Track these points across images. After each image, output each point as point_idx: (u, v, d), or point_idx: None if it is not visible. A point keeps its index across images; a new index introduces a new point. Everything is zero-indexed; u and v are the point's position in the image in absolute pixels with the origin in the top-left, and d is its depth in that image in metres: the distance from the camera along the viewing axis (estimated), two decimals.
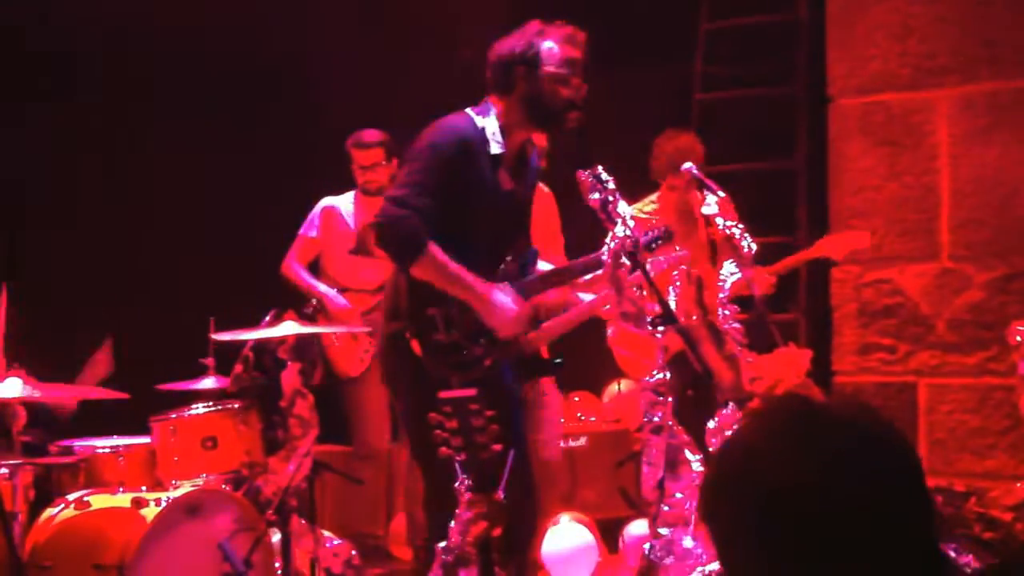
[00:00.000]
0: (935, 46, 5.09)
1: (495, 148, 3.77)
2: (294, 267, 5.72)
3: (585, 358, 5.40)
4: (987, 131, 5.01)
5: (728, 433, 3.35)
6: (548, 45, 3.75)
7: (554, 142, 4.65)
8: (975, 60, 5.04)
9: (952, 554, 3.78)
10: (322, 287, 5.65)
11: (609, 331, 5.16)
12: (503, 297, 3.75)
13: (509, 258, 3.89)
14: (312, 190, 5.87)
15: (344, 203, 5.78)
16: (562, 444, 5.73)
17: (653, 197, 5.44)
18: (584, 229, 4.59)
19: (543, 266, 4.10)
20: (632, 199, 4.98)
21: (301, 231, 5.77)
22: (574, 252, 4.37)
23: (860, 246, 5.13)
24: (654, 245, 4.06)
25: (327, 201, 5.78)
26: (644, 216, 5.27)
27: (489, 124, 3.77)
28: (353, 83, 6.48)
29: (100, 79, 6.03)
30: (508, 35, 3.81)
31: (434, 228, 3.66)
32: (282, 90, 6.47)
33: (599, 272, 3.76)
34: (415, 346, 3.68)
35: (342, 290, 5.71)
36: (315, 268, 5.82)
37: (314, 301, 5.53)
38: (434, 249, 3.65)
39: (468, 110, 3.83)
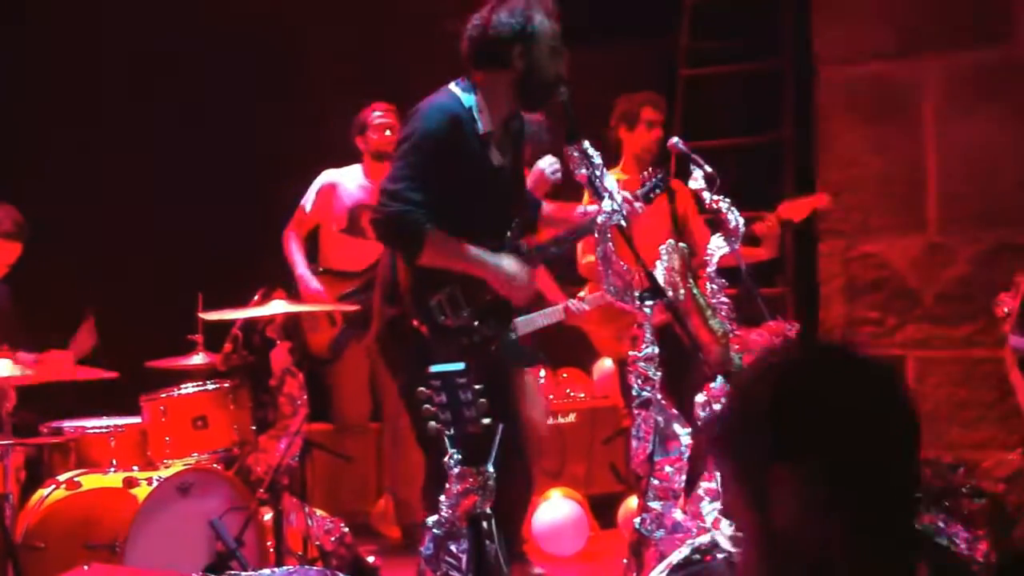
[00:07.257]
0: (923, 18, 5.07)
1: (482, 126, 3.74)
2: (288, 239, 5.61)
3: (574, 335, 5.40)
4: (974, 103, 5.00)
5: (716, 407, 3.36)
6: (540, 20, 3.70)
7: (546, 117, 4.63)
8: (963, 32, 5.03)
9: (941, 524, 3.80)
10: (300, 268, 5.53)
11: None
12: (512, 265, 3.75)
13: (512, 230, 3.87)
14: (303, 166, 5.82)
15: (346, 179, 5.63)
16: (551, 420, 5.74)
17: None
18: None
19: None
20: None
21: (301, 201, 5.68)
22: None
23: (819, 205, 5.10)
24: (652, 195, 4.04)
25: (329, 176, 5.62)
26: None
27: (475, 102, 3.74)
28: (343, 57, 6.45)
29: (92, 54, 6.00)
30: (492, 10, 3.73)
31: (434, 212, 3.64)
32: (273, 67, 6.44)
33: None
34: (424, 332, 3.66)
35: (331, 272, 5.63)
36: (315, 242, 5.74)
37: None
38: (435, 235, 3.64)
39: (452, 86, 3.79)
